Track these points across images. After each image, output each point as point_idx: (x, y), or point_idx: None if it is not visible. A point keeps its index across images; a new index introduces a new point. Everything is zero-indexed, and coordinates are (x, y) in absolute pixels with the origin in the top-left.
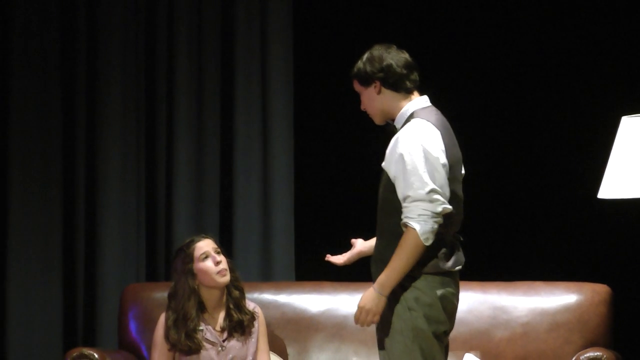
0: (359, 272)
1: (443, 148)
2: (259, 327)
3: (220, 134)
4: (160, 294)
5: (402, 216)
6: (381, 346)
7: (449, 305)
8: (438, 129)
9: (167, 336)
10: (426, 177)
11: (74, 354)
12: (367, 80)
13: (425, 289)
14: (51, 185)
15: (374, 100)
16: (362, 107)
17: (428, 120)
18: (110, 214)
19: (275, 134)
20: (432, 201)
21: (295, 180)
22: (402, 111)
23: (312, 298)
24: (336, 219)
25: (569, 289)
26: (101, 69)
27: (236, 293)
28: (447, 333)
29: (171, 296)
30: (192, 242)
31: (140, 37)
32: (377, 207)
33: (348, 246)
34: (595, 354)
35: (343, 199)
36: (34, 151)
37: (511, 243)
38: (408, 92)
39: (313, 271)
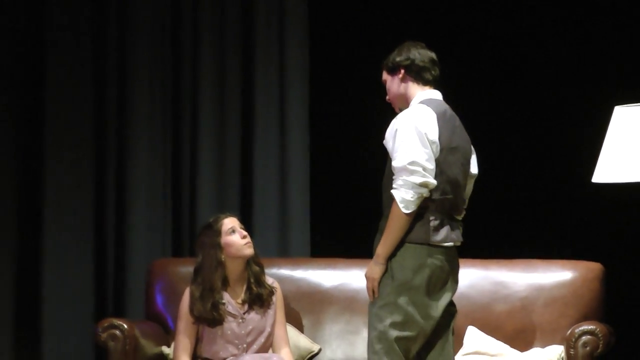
0: (370, 249)
1: (436, 128)
2: (277, 301)
3: (240, 120)
4: (185, 268)
5: None
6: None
7: (435, 274)
8: (435, 112)
9: (192, 309)
10: (409, 150)
11: (105, 324)
12: (393, 68)
13: (408, 256)
14: (83, 166)
15: (397, 86)
16: (387, 98)
17: (428, 105)
18: (138, 194)
19: (292, 118)
20: (412, 172)
21: (310, 163)
22: (413, 100)
23: (326, 273)
24: (349, 199)
25: (564, 266)
26: (131, 57)
27: (256, 268)
28: (428, 304)
29: (197, 270)
30: (219, 219)
31: (166, 32)
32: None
33: (360, 226)
34: (589, 327)
35: (356, 181)
36: (67, 135)
37: (511, 223)
38: (425, 84)
39: (327, 248)
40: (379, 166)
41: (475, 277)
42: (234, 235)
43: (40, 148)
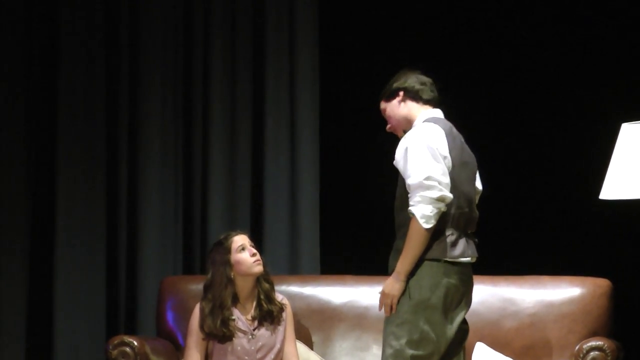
0: (379, 267)
1: (445, 144)
2: (287, 318)
3: (251, 139)
4: (196, 285)
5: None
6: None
7: (450, 293)
8: (442, 129)
9: (202, 326)
10: (423, 166)
11: (116, 342)
12: (392, 93)
13: (425, 274)
14: (96, 186)
15: (397, 110)
16: (388, 127)
17: (434, 123)
18: (150, 212)
19: (303, 136)
20: (428, 187)
21: (320, 183)
22: (417, 119)
23: (335, 290)
24: (359, 216)
25: (573, 282)
26: (143, 72)
27: (266, 285)
28: (449, 317)
29: (207, 287)
30: (230, 236)
31: (178, 42)
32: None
33: (370, 243)
34: (597, 343)
35: (366, 198)
36: (80, 155)
37: (520, 240)
38: (426, 103)
39: (336, 265)
40: (389, 184)
41: (484, 294)
42: (244, 252)
43: (52, 174)
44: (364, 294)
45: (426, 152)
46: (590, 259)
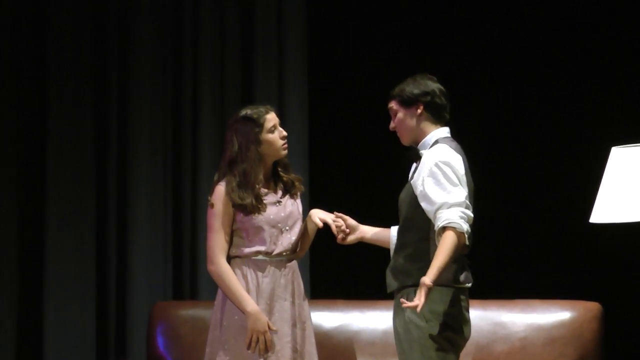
0: (370, 292)
1: (464, 172)
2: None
3: None
4: (186, 311)
5: (438, 223)
6: (401, 355)
7: (462, 318)
8: (460, 155)
9: (233, 199)
10: (458, 187)
11: None
12: (410, 101)
13: (439, 300)
14: (86, 211)
15: (412, 121)
16: (392, 126)
17: (450, 147)
18: (140, 237)
19: (292, 160)
20: (467, 207)
21: (309, 206)
22: (428, 137)
23: (326, 315)
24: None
25: (563, 306)
26: (132, 83)
27: (285, 161)
28: (460, 344)
29: (232, 162)
30: (263, 113)
31: (167, 42)
32: (399, 225)
33: (360, 267)
34: None
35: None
36: (70, 179)
37: (510, 263)
38: (441, 122)
39: (327, 289)
40: (379, 207)
41: (474, 318)
42: (275, 133)
43: (42, 197)
44: (354, 318)
45: (456, 176)
46: (580, 282)
